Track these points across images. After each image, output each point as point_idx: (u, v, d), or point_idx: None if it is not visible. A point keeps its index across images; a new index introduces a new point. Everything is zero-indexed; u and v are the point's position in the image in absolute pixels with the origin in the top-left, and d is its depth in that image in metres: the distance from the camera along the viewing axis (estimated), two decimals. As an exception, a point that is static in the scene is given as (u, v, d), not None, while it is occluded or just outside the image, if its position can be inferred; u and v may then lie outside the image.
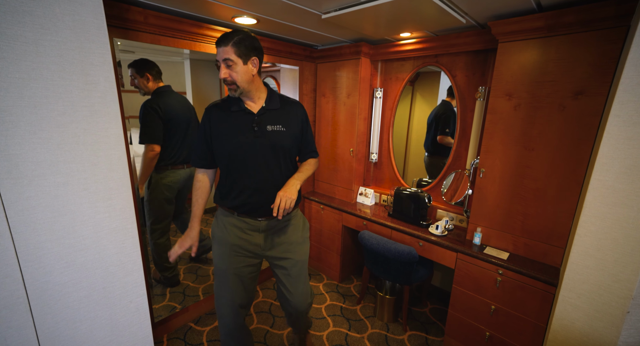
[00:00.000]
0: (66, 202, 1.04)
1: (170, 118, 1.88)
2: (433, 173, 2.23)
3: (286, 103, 1.31)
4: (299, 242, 1.37)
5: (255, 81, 1.20)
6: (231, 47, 1.10)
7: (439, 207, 2.02)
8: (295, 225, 1.37)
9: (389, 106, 2.24)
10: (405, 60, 2.08)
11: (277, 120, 1.25)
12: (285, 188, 1.18)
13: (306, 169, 1.32)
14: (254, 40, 1.15)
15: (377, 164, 2.39)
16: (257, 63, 1.16)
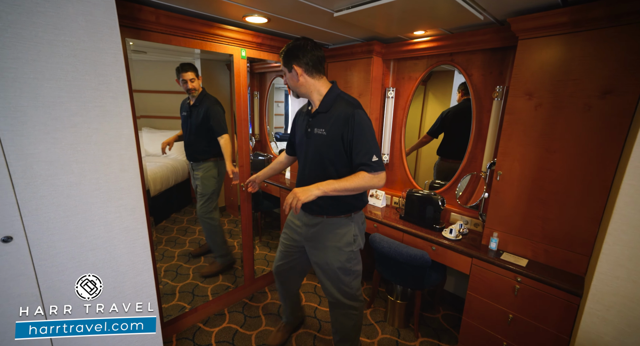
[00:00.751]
0: (78, 202, 1.05)
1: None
2: (446, 175, 2.18)
3: (335, 106, 1.25)
4: (332, 248, 1.38)
5: (306, 85, 1.28)
6: (280, 59, 1.30)
7: (452, 210, 1.96)
8: (336, 233, 1.37)
9: (401, 106, 2.19)
10: (419, 59, 2.03)
11: (323, 123, 1.28)
12: (302, 189, 1.19)
13: (345, 180, 1.19)
14: (293, 49, 1.24)
15: (388, 165, 2.35)
16: (298, 70, 1.24)
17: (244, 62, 1.79)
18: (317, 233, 1.40)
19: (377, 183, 1.22)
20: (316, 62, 1.25)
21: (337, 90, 1.31)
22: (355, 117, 1.20)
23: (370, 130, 1.22)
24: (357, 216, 1.40)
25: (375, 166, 1.19)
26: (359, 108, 1.24)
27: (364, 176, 1.19)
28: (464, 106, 1.99)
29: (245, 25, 1.72)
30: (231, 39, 1.69)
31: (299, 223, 1.47)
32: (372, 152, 1.20)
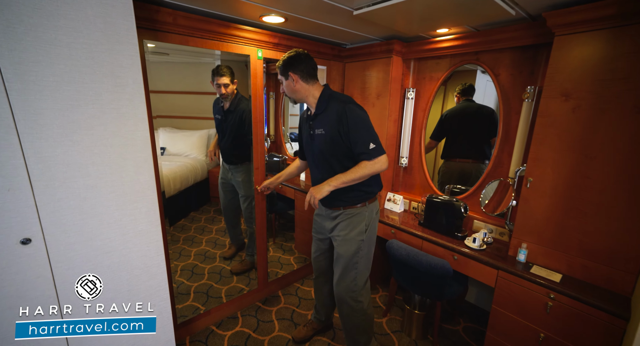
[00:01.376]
0: (95, 205, 1.05)
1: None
2: (450, 177, 2.09)
3: (329, 105, 1.35)
4: (347, 238, 1.45)
5: (302, 90, 1.38)
6: (279, 69, 1.40)
7: (475, 218, 1.85)
8: (350, 223, 1.45)
9: (421, 107, 2.10)
10: (441, 58, 1.93)
11: (321, 123, 1.38)
12: (316, 187, 1.35)
13: (350, 172, 1.32)
14: (289, 60, 1.35)
15: (407, 169, 2.26)
16: (294, 76, 1.35)
17: (260, 62, 1.77)
18: (338, 224, 1.48)
19: (380, 167, 1.31)
20: (310, 69, 1.37)
21: (329, 91, 1.40)
22: (347, 112, 1.29)
23: (364, 121, 1.30)
24: (372, 206, 1.48)
25: (373, 153, 1.28)
26: (350, 103, 1.32)
27: (365, 165, 1.30)
28: (464, 106, 1.93)
29: (261, 25, 1.69)
30: (248, 39, 1.67)
31: (323, 215, 1.57)
32: (368, 140, 1.28)
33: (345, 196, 1.41)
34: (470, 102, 1.91)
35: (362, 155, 1.29)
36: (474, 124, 1.93)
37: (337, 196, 1.42)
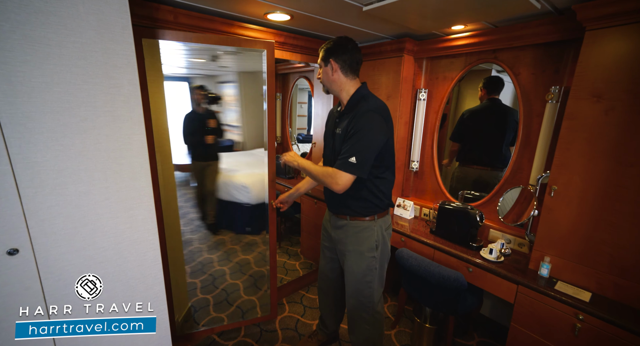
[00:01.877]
0: (87, 212, 0.99)
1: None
2: (464, 184, 1.97)
3: (359, 106, 1.24)
4: (356, 255, 1.36)
5: (338, 82, 1.27)
6: (321, 52, 1.28)
7: (492, 227, 1.74)
8: (358, 238, 1.35)
9: (433, 109, 2.00)
10: (456, 57, 1.83)
11: (342, 124, 1.28)
12: (293, 153, 1.39)
13: (313, 166, 1.29)
14: (335, 46, 1.24)
15: (418, 173, 2.16)
16: (335, 65, 1.24)
17: (265, 63, 1.70)
18: (343, 235, 1.39)
19: (332, 181, 1.19)
20: (353, 62, 1.25)
21: (364, 91, 1.29)
22: (363, 116, 1.18)
23: (369, 134, 1.17)
24: (382, 221, 1.36)
25: (346, 165, 1.17)
26: (375, 111, 1.19)
27: (326, 169, 1.23)
28: (487, 106, 1.79)
29: (267, 24, 1.62)
30: (252, 38, 1.60)
31: (329, 222, 1.48)
32: (354, 151, 1.16)
33: (353, 204, 1.32)
34: (495, 102, 1.76)
35: (338, 162, 1.19)
36: (496, 128, 1.80)
37: (344, 201, 1.34)
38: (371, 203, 1.31)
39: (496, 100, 1.74)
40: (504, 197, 1.63)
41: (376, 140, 1.17)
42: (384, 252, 1.38)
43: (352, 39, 1.26)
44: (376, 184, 1.29)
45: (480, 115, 1.84)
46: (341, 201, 1.34)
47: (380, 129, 1.18)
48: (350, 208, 1.33)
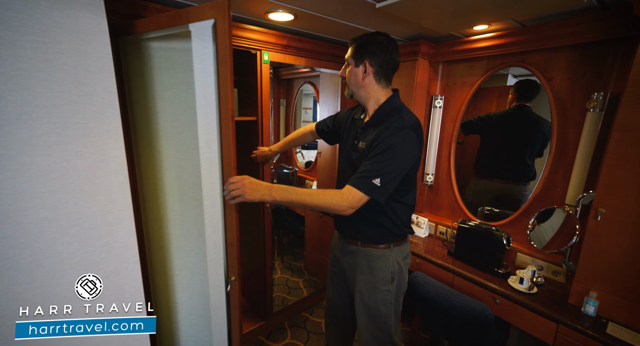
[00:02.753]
0: (51, 242, 0.84)
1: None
2: (483, 199, 1.78)
3: (389, 119, 1.04)
4: (369, 286, 1.17)
5: (368, 88, 1.08)
6: (352, 48, 1.07)
7: (520, 250, 1.54)
8: (371, 268, 1.16)
9: (450, 117, 1.83)
10: (476, 60, 1.66)
11: (367, 137, 1.09)
12: (255, 183, 0.95)
13: (307, 194, 0.96)
14: (373, 44, 1.03)
15: (433, 187, 1.97)
16: (369, 69, 1.05)
17: (266, 67, 1.56)
18: (353, 263, 1.22)
19: (342, 203, 0.95)
20: (390, 68, 1.07)
21: (396, 102, 1.09)
22: (399, 133, 0.97)
23: (401, 155, 0.97)
24: (398, 249, 1.17)
25: (366, 184, 0.94)
26: (412, 129, 1.00)
27: (328, 191, 0.97)
28: (514, 113, 1.60)
29: (267, 24, 1.48)
30: (251, 40, 1.46)
31: (337, 244, 1.31)
32: (380, 173, 0.95)
33: (366, 229, 1.14)
34: (523, 109, 1.57)
35: (352, 181, 0.97)
36: (522, 138, 1.62)
37: (355, 224, 1.16)
38: (387, 231, 1.13)
39: (525, 107, 1.56)
40: (542, 226, 1.41)
41: (407, 162, 0.99)
42: (401, 284, 1.19)
43: (394, 39, 1.06)
44: (395, 209, 1.10)
45: (506, 121, 1.65)
46: (352, 223, 1.17)
47: (413, 150, 0.99)
48: (363, 234, 1.15)
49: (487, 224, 1.58)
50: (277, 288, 2.43)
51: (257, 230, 1.84)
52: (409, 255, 1.22)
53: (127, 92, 1.16)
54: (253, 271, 2.01)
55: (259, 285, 1.93)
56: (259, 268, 1.89)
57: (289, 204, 0.96)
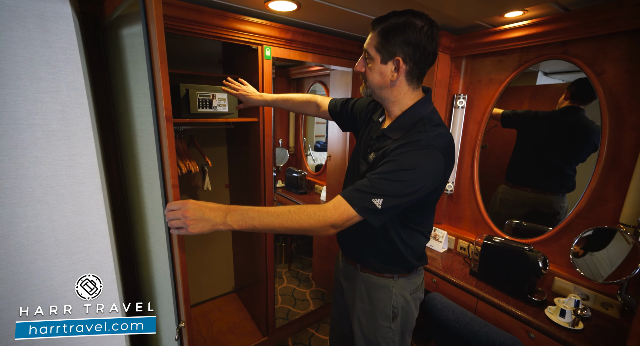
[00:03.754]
0: (5, 263, 0.73)
1: None
2: (512, 211, 1.57)
3: (413, 131, 0.81)
4: (363, 311, 1.00)
5: (394, 90, 0.84)
6: (376, 35, 0.80)
7: (557, 274, 1.32)
8: (371, 298, 0.98)
9: (474, 119, 1.62)
10: (506, 53, 1.45)
11: (380, 149, 0.86)
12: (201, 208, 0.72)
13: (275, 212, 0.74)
14: (407, 30, 0.76)
15: (453, 197, 1.77)
16: (402, 66, 0.79)
17: (268, 63, 1.42)
18: (351, 286, 1.05)
19: (324, 220, 0.73)
20: (428, 63, 0.82)
21: (425, 109, 0.85)
22: (422, 151, 0.75)
23: (418, 178, 0.75)
24: (405, 281, 0.96)
25: (363, 201, 0.73)
26: (441, 150, 0.76)
27: (314, 210, 0.74)
28: (565, 115, 1.37)
29: (269, 16, 1.34)
30: (252, 34, 1.33)
31: (340, 261, 1.13)
32: (385, 192, 0.73)
33: (367, 251, 0.95)
34: (574, 112, 1.34)
35: (350, 190, 0.77)
36: (568, 146, 1.39)
37: (355, 242, 0.98)
38: (390, 260, 0.93)
39: (578, 110, 1.32)
40: (597, 255, 1.17)
41: (423, 188, 0.76)
42: (407, 321, 0.99)
43: (433, 20, 0.78)
44: (403, 236, 0.89)
45: (552, 123, 1.41)
46: (352, 238, 0.99)
47: (435, 176, 0.77)
48: (363, 256, 0.97)
49: (518, 242, 1.37)
50: (282, 299, 2.30)
51: (258, 237, 1.71)
52: (420, 288, 1.01)
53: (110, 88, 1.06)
54: (255, 282, 1.88)
55: (261, 297, 1.80)
56: (261, 278, 1.76)
57: (253, 231, 0.74)
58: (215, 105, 1.40)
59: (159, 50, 0.58)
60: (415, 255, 0.94)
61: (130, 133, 0.99)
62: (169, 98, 0.62)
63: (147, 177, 0.90)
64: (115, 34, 0.91)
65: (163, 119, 0.65)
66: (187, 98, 1.31)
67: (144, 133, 0.85)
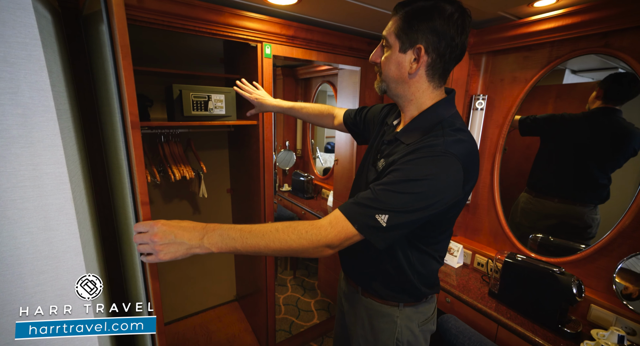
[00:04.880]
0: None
1: None
2: (534, 223, 1.40)
3: (423, 132, 0.71)
4: (363, 340, 0.88)
5: (411, 85, 0.72)
6: (398, 19, 0.69)
7: (594, 300, 1.15)
8: (372, 325, 0.86)
9: (496, 122, 1.47)
10: (534, 49, 1.29)
11: (391, 156, 0.75)
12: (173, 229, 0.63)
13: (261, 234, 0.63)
14: (439, 15, 0.64)
15: (470, 207, 1.62)
16: (422, 57, 0.67)
17: (268, 62, 1.32)
18: (352, 310, 0.94)
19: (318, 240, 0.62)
20: (454, 58, 0.69)
21: (446, 111, 0.73)
22: (435, 159, 0.63)
23: (430, 191, 0.62)
24: (412, 311, 0.84)
25: (363, 218, 0.62)
26: (459, 158, 0.64)
27: (306, 228, 0.63)
28: (599, 117, 1.21)
29: (270, 11, 1.24)
30: (251, 30, 1.23)
31: (340, 281, 1.02)
32: (390, 208, 0.62)
33: (371, 272, 0.84)
34: (612, 114, 1.17)
35: (349, 204, 0.66)
36: (604, 152, 1.23)
37: (358, 259, 0.86)
38: (396, 285, 0.81)
39: (614, 111, 1.15)
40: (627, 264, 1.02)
41: (438, 203, 0.63)
42: None
43: (466, 9, 0.67)
44: (413, 260, 0.77)
45: (582, 126, 1.25)
46: (352, 255, 0.87)
47: (453, 189, 0.64)
48: (364, 279, 0.86)
49: (546, 262, 1.20)
50: (285, 309, 2.19)
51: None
52: (431, 319, 0.87)
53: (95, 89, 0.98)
54: (255, 292, 1.78)
55: (261, 309, 1.70)
56: (261, 289, 1.66)
57: (235, 253, 0.64)
58: (211, 107, 1.31)
59: (120, 44, 0.48)
60: (425, 282, 0.81)
61: (114, 138, 0.91)
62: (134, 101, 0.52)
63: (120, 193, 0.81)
64: (91, 29, 0.83)
65: (129, 125, 0.55)
66: (181, 99, 1.23)
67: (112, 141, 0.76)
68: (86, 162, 0.99)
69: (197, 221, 0.66)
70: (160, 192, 1.71)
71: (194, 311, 2.02)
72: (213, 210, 1.92)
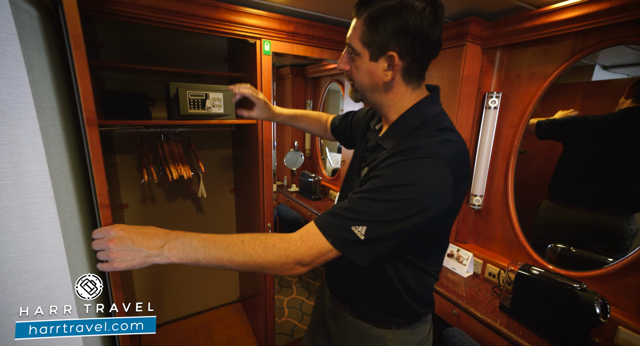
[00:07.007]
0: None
1: None
2: (587, 239, 1.24)
3: (404, 135, 0.65)
4: None
5: (388, 92, 0.66)
6: (362, 24, 0.61)
7: (621, 322, 1.02)
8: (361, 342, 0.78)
9: (511, 122, 1.36)
10: (555, 41, 1.18)
11: (373, 162, 0.68)
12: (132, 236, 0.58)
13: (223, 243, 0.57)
14: (407, 12, 0.56)
15: (482, 213, 1.51)
16: (398, 63, 0.60)
17: (267, 59, 1.28)
18: (340, 333, 0.84)
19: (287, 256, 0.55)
20: (430, 55, 0.63)
21: (429, 110, 0.66)
22: (415, 162, 0.56)
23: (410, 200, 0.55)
24: (406, 333, 0.75)
25: (339, 230, 0.55)
26: (440, 159, 0.56)
27: (274, 241, 0.57)
28: (630, 119, 1.08)
29: (268, 6, 1.20)
30: (249, 26, 1.19)
31: (321, 297, 0.93)
32: (369, 219, 0.55)
33: (358, 291, 0.76)
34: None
35: (323, 217, 0.59)
36: (632, 153, 1.10)
37: (345, 275, 0.78)
38: (386, 306, 0.73)
39: None
40: None
41: (423, 211, 0.55)
42: None
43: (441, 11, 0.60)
44: (405, 276, 0.69)
45: (611, 129, 1.13)
46: (338, 269, 0.80)
47: (440, 195, 0.57)
48: (351, 299, 0.78)
49: (565, 277, 1.09)
50: (289, 312, 2.16)
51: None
52: (427, 340, 0.79)
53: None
54: (256, 294, 1.75)
55: (261, 312, 1.67)
56: (261, 291, 1.62)
57: (197, 265, 0.58)
58: (209, 105, 1.29)
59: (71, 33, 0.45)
60: (420, 302, 0.72)
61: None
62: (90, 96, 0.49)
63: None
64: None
65: (84, 122, 0.52)
66: (177, 98, 1.21)
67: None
68: (78, 160, 0.98)
69: (199, 221, 0.62)
70: (163, 191, 1.72)
71: (196, 310, 2.02)
72: (217, 210, 1.91)
